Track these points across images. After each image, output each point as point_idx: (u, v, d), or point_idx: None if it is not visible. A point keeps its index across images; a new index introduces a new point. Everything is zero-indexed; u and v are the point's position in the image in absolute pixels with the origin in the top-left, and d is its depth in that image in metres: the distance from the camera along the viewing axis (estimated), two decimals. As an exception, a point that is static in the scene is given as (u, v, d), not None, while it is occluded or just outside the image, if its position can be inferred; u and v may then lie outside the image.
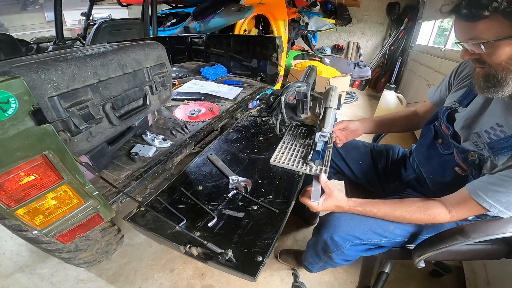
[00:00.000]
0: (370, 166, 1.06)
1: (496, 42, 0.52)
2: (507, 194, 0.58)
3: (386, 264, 1.10)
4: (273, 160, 0.87)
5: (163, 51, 0.99)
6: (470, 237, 0.64)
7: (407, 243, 0.80)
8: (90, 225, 0.65)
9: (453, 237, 0.66)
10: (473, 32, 0.55)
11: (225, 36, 1.92)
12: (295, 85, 0.97)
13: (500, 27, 0.51)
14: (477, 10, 0.51)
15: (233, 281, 1.18)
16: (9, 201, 0.48)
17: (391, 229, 0.78)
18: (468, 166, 0.71)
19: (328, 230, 0.79)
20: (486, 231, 0.63)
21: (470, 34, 0.56)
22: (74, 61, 0.67)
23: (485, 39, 0.54)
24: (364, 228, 0.77)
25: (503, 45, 0.52)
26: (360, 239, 0.77)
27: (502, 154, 0.61)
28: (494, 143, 0.63)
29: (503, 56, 0.54)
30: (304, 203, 0.73)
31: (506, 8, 0.48)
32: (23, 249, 1.33)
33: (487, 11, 0.49)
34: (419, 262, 0.73)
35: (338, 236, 0.77)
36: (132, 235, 1.39)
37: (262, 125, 1.15)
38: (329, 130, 0.79)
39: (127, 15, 5.15)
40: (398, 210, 0.69)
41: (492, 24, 0.52)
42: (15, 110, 0.42)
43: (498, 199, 0.59)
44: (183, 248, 0.59)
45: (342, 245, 0.78)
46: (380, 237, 0.78)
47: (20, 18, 4.89)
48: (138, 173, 0.86)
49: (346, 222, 0.77)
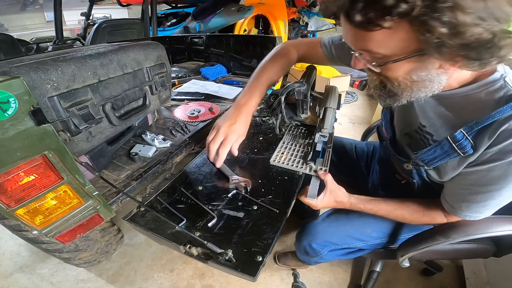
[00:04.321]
0: (354, 163, 1.06)
1: (393, 61, 0.43)
2: (483, 203, 0.55)
3: (377, 263, 1.10)
4: (273, 160, 0.87)
5: (163, 51, 0.98)
6: (450, 237, 0.63)
7: (389, 243, 0.81)
8: (90, 225, 0.65)
9: (433, 237, 0.67)
10: (367, 43, 0.43)
11: (225, 36, 1.92)
12: (295, 85, 0.96)
13: (404, 39, 0.40)
14: (377, 16, 0.37)
15: (233, 281, 1.18)
16: (9, 201, 0.48)
17: (368, 232, 0.79)
18: (406, 174, 0.71)
19: (307, 237, 0.81)
20: (465, 232, 0.62)
21: (363, 44, 0.44)
22: (74, 61, 0.67)
23: (382, 53, 0.43)
24: (341, 234, 0.79)
25: (402, 63, 0.43)
26: (337, 245, 0.79)
27: (434, 164, 0.60)
28: (422, 156, 0.61)
29: (400, 72, 0.46)
30: (302, 201, 0.73)
31: (418, 14, 0.35)
32: (23, 249, 1.33)
33: (390, 19, 0.36)
34: (403, 262, 0.74)
35: (315, 244, 0.80)
36: (132, 235, 1.39)
37: (262, 125, 1.15)
38: (329, 130, 0.79)
39: (127, 15, 5.15)
40: (398, 210, 0.69)
41: (393, 35, 0.39)
42: (15, 110, 0.42)
43: (480, 210, 0.57)
44: (183, 248, 0.59)
45: (320, 251, 0.81)
46: (358, 241, 0.79)
47: (20, 18, 4.90)
48: (138, 173, 0.86)
49: (323, 230, 0.80)
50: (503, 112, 0.46)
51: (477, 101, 0.51)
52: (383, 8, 0.35)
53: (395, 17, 0.36)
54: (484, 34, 0.35)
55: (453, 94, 0.53)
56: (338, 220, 0.81)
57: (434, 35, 0.36)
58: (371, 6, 0.37)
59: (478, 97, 0.51)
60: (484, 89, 0.50)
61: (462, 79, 0.52)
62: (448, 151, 0.55)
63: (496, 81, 0.49)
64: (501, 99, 0.48)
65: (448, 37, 0.36)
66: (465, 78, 0.52)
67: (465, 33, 0.35)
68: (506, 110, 0.46)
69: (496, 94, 0.49)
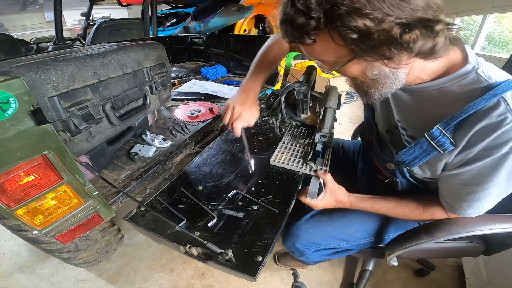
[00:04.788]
0: (342, 162, 1.06)
1: (339, 66, 0.47)
2: (483, 200, 0.54)
3: (369, 262, 1.10)
4: (273, 160, 0.87)
5: (163, 51, 0.99)
6: (434, 236, 0.63)
7: (375, 243, 0.80)
8: (90, 225, 0.65)
9: (418, 236, 0.66)
10: (314, 54, 0.48)
11: (225, 36, 1.92)
12: (295, 85, 0.96)
13: (335, 47, 0.43)
14: (300, 35, 0.42)
15: (233, 281, 1.18)
16: (9, 201, 0.48)
17: (351, 232, 0.79)
18: (389, 173, 0.71)
19: (290, 238, 0.82)
20: (450, 230, 0.62)
21: (314, 55, 0.49)
22: (74, 61, 0.67)
23: (327, 60, 0.48)
24: (324, 234, 0.79)
25: (350, 64, 0.46)
26: (321, 245, 0.80)
27: (415, 165, 0.59)
28: (403, 157, 0.60)
29: (356, 72, 0.49)
30: (302, 201, 0.73)
31: (328, 26, 0.39)
32: (23, 249, 1.33)
33: (309, 36, 0.42)
34: (391, 261, 0.73)
35: (299, 244, 0.80)
36: (132, 235, 1.39)
37: (262, 125, 1.15)
38: (329, 130, 0.79)
39: (127, 15, 5.15)
40: (399, 207, 0.69)
41: (326, 46, 0.43)
42: (15, 110, 0.42)
43: (482, 205, 0.56)
44: (183, 248, 0.59)
45: (305, 251, 0.81)
46: (342, 241, 0.79)
47: (20, 18, 4.90)
48: (138, 173, 0.86)
49: (305, 231, 0.80)
50: (477, 106, 0.45)
51: (450, 94, 0.51)
52: (299, 27, 0.41)
53: (312, 32, 0.41)
54: (394, 28, 0.37)
55: (425, 87, 0.53)
56: (320, 221, 0.81)
57: (349, 42, 0.39)
58: (293, 29, 0.43)
59: (451, 90, 0.51)
60: (456, 82, 0.50)
61: (430, 71, 0.51)
62: (428, 149, 0.54)
63: (468, 73, 0.48)
64: (474, 92, 0.47)
65: (361, 41, 0.38)
66: (433, 70, 0.51)
67: (373, 34, 0.37)
68: (480, 103, 0.45)
69: (469, 87, 0.48)
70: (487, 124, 0.45)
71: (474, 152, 0.49)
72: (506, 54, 2.83)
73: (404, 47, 0.39)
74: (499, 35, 3.12)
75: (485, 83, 0.47)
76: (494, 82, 0.46)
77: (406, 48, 0.39)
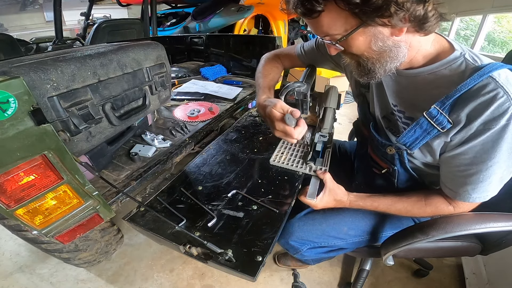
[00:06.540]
0: (340, 162, 1.06)
1: (346, 37, 0.50)
2: (487, 181, 0.55)
3: (366, 261, 1.09)
4: (272, 160, 0.87)
5: (162, 51, 0.98)
6: (429, 235, 0.62)
7: (371, 241, 0.80)
8: (89, 225, 0.65)
9: (413, 234, 0.66)
10: (321, 28, 0.51)
11: (224, 36, 1.92)
12: (295, 85, 0.96)
13: (342, 19, 0.47)
14: (309, 5, 0.46)
15: (233, 281, 1.18)
16: (9, 201, 0.48)
17: (344, 230, 0.79)
18: (387, 162, 0.71)
19: (284, 236, 0.82)
20: (445, 229, 0.61)
21: (321, 30, 0.52)
22: (73, 61, 0.67)
23: (335, 33, 0.51)
24: (317, 232, 0.79)
25: (356, 36, 0.50)
26: (315, 243, 0.80)
27: (415, 147, 0.61)
28: (404, 139, 0.62)
29: (362, 47, 0.52)
30: (302, 201, 0.73)
31: None
32: (23, 249, 1.33)
33: (318, 5, 0.46)
34: (386, 260, 0.73)
35: (293, 241, 0.80)
36: (132, 235, 1.39)
37: (262, 125, 1.15)
38: (329, 130, 0.79)
39: (126, 15, 5.15)
40: (399, 202, 0.68)
41: (332, 17, 0.48)
42: (14, 110, 0.42)
43: (487, 189, 0.56)
44: (183, 248, 0.59)
45: (299, 249, 0.81)
46: (336, 239, 0.79)
47: (20, 18, 4.89)
48: (137, 173, 0.86)
49: (299, 228, 0.80)
50: (468, 85, 0.51)
51: (443, 77, 0.56)
52: None
53: (321, 3, 0.46)
54: None
55: (421, 72, 0.58)
56: (314, 218, 0.81)
57: (353, 7, 0.44)
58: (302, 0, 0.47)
59: (443, 74, 0.56)
60: (448, 66, 0.55)
61: (425, 53, 0.57)
62: (428, 129, 0.57)
63: (457, 58, 0.54)
64: (464, 74, 0.53)
65: (364, 4, 0.43)
66: (427, 53, 0.57)
67: None
68: (471, 83, 0.50)
69: (459, 69, 0.54)
70: (482, 100, 0.50)
71: (475, 128, 0.51)
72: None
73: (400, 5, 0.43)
74: (498, 35, 3.13)
75: (473, 65, 0.53)
76: (480, 64, 0.52)
77: (402, 6, 0.43)
